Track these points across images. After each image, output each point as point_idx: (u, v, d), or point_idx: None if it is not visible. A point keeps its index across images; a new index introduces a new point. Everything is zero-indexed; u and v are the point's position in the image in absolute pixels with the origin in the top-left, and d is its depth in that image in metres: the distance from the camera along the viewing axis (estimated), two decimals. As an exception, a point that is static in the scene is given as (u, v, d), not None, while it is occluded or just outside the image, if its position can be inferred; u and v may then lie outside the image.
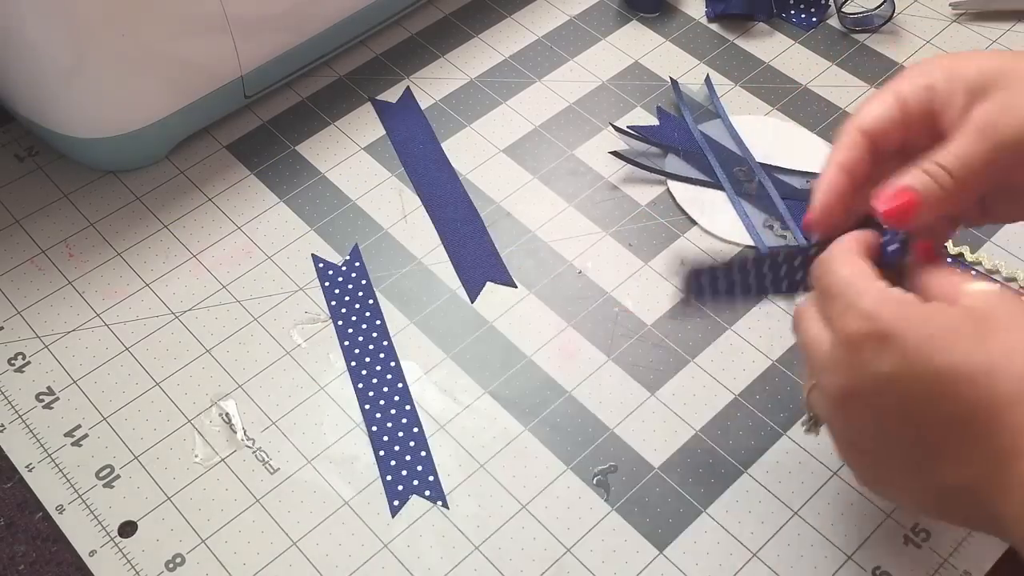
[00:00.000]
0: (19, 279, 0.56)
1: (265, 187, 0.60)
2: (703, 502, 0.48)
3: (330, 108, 0.64)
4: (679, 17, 0.69)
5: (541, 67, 0.66)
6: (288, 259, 0.57)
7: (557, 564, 0.46)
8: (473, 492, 0.48)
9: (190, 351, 0.53)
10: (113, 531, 0.47)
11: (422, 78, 0.65)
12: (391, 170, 0.61)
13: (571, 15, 0.69)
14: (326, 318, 0.54)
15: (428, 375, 0.52)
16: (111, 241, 0.58)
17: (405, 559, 0.46)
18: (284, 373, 0.52)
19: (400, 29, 0.68)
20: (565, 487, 0.49)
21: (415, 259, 0.57)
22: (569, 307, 0.55)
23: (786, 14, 0.69)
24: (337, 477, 0.49)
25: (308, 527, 0.47)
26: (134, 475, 0.49)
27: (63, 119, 0.57)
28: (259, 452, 0.50)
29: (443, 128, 0.63)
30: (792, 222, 0.57)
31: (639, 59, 0.66)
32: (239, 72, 0.59)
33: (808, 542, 0.47)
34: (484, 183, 0.60)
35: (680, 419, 0.51)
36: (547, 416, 0.51)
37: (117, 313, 0.55)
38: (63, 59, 0.53)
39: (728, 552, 0.47)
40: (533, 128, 0.63)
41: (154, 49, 0.55)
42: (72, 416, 0.51)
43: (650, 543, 0.47)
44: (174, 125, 0.59)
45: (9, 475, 0.49)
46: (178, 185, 0.60)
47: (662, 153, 0.61)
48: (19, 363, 0.53)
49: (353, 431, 0.50)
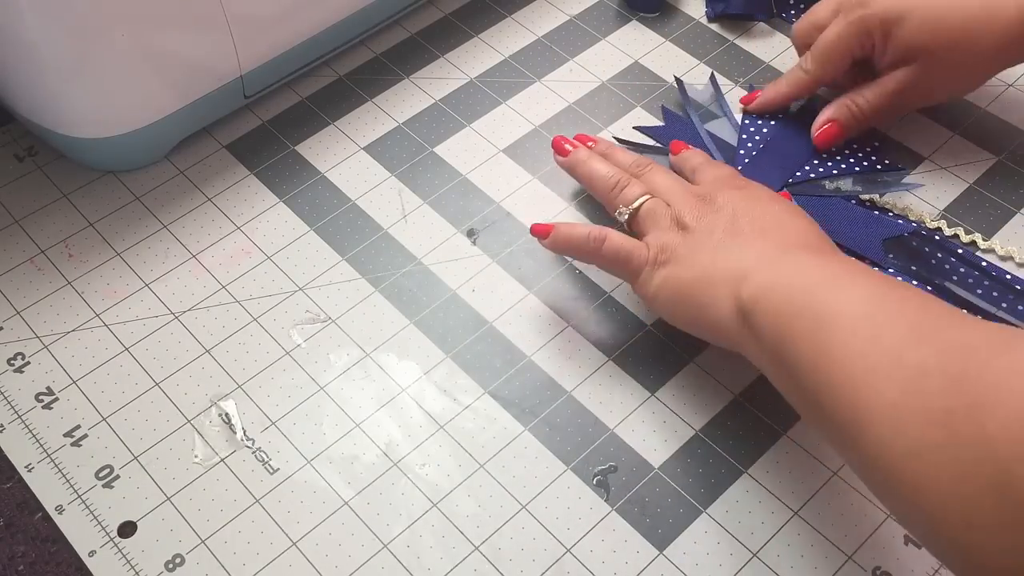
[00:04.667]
0: (19, 279, 0.56)
1: (265, 187, 0.60)
2: (703, 502, 0.48)
3: (330, 108, 0.64)
4: (679, 17, 0.69)
5: (541, 67, 0.66)
6: (288, 259, 0.57)
7: (557, 564, 0.46)
8: (473, 492, 0.48)
9: (189, 351, 0.53)
10: (113, 531, 0.47)
11: (422, 78, 0.65)
12: (391, 170, 0.61)
13: (571, 15, 0.69)
14: (326, 318, 0.54)
15: (428, 375, 0.52)
16: (111, 241, 0.58)
17: (405, 559, 0.46)
18: (284, 373, 0.52)
19: (400, 29, 0.68)
20: (565, 487, 0.48)
21: (415, 259, 0.57)
22: (569, 307, 0.55)
23: (786, 14, 0.69)
24: (337, 477, 0.49)
25: (308, 527, 0.47)
26: (134, 475, 0.49)
27: (63, 119, 0.57)
28: (259, 452, 0.50)
29: (443, 128, 0.63)
30: None
31: (639, 59, 0.66)
32: (239, 72, 0.59)
33: (808, 542, 0.47)
34: (484, 183, 0.60)
35: (680, 419, 0.51)
36: (547, 416, 0.51)
37: (117, 313, 0.55)
38: (63, 59, 0.53)
39: (728, 552, 0.47)
40: (533, 128, 0.63)
41: (154, 49, 0.55)
42: (72, 416, 0.51)
43: (650, 543, 0.47)
44: (174, 125, 0.59)
45: (9, 475, 0.49)
46: (178, 185, 0.60)
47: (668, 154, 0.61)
48: (19, 363, 0.53)
49: (353, 431, 0.50)
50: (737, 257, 0.47)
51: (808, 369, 0.41)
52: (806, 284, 0.43)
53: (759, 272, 0.45)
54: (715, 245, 0.48)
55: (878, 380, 0.38)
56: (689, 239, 0.49)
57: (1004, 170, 0.60)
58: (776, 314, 0.43)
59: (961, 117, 0.63)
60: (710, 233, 0.48)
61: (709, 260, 0.47)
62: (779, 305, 0.43)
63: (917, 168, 0.60)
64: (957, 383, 0.36)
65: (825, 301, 0.42)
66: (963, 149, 0.61)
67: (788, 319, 0.42)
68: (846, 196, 0.58)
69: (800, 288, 0.43)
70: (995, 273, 0.54)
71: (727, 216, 0.49)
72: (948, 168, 0.60)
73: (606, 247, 0.50)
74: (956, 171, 0.60)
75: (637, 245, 0.50)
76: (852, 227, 0.56)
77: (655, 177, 0.53)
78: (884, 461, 0.37)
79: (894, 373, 0.38)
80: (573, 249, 0.52)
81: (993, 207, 0.58)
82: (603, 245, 0.50)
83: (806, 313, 0.42)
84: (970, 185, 0.59)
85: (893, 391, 0.37)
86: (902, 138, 0.62)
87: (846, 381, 0.39)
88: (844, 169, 0.59)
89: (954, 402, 0.35)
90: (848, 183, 0.59)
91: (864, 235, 0.56)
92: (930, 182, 0.60)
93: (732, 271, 0.46)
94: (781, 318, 0.43)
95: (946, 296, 0.54)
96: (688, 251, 0.48)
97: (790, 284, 0.44)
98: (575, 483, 0.49)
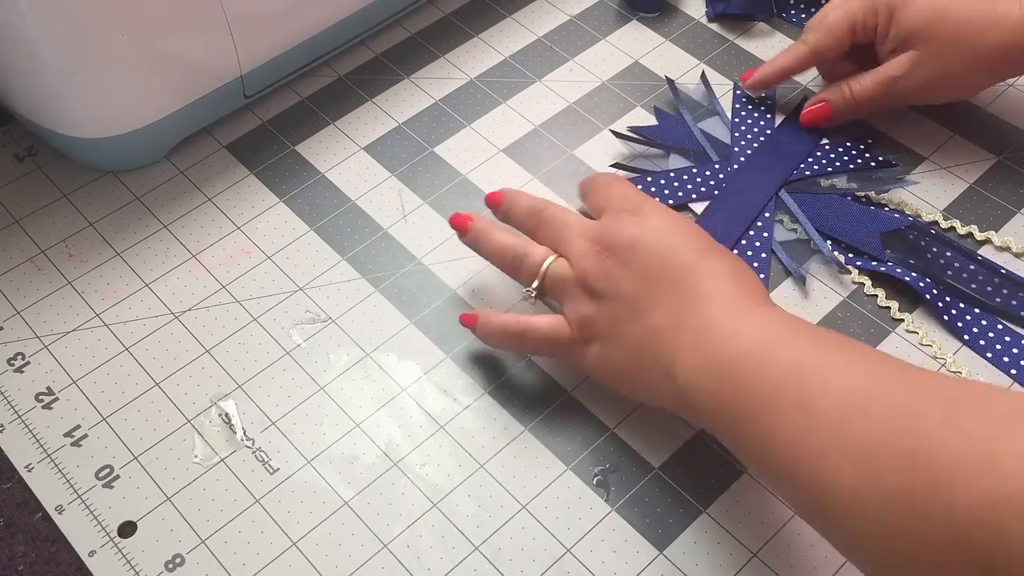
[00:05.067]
0: (19, 279, 0.56)
1: (265, 187, 0.60)
2: (703, 502, 0.48)
3: (330, 108, 0.64)
4: (679, 17, 0.69)
5: (541, 67, 0.66)
6: (288, 259, 0.57)
7: (557, 564, 0.46)
8: (473, 492, 0.48)
9: (189, 351, 0.53)
10: (113, 531, 0.47)
11: (422, 78, 0.65)
12: (391, 170, 0.61)
13: (571, 15, 0.69)
14: (326, 318, 0.54)
15: (428, 375, 0.52)
16: (111, 241, 0.58)
17: (405, 559, 0.46)
18: (284, 373, 0.52)
19: (400, 29, 0.68)
20: (565, 487, 0.48)
21: (415, 259, 0.57)
22: (569, 307, 0.55)
23: (786, 14, 0.69)
24: (337, 477, 0.49)
25: (308, 527, 0.47)
26: (134, 475, 0.49)
27: (63, 119, 0.57)
28: (259, 452, 0.50)
29: (443, 128, 0.63)
30: (802, 215, 0.57)
31: (639, 59, 0.66)
32: (239, 72, 0.59)
33: (808, 542, 0.47)
34: (484, 183, 0.60)
35: (680, 419, 0.50)
36: (547, 416, 0.51)
37: (117, 313, 0.55)
38: (63, 59, 0.53)
39: (728, 552, 0.47)
40: (533, 128, 0.63)
41: (154, 49, 0.55)
42: (72, 416, 0.51)
43: (650, 543, 0.47)
44: (174, 125, 0.59)
45: (9, 475, 0.49)
46: (178, 185, 0.60)
47: (664, 154, 0.61)
48: (19, 363, 0.53)
49: (353, 431, 0.50)
50: (660, 335, 0.44)
51: (760, 453, 0.40)
52: (734, 360, 0.41)
53: (685, 353, 0.43)
54: (631, 312, 0.45)
55: (830, 460, 0.36)
56: (604, 309, 0.46)
57: (1004, 170, 0.60)
58: (715, 399, 0.41)
59: (961, 117, 0.63)
60: (623, 300, 0.46)
61: (633, 340, 0.45)
62: (715, 390, 0.41)
63: (917, 168, 0.60)
64: (910, 461, 0.34)
65: (757, 377, 0.40)
66: (963, 149, 0.61)
67: (728, 404, 0.41)
68: (842, 193, 0.58)
69: (730, 366, 0.41)
70: (991, 267, 0.55)
71: (635, 271, 0.46)
72: (948, 168, 0.60)
73: (528, 339, 0.49)
74: (956, 171, 0.60)
75: (558, 326, 0.48)
76: (849, 223, 0.56)
77: (552, 228, 0.50)
78: (858, 546, 0.36)
79: (844, 451, 0.36)
80: (496, 342, 0.51)
81: (993, 207, 0.58)
82: (525, 338, 0.49)
83: (740, 396, 0.40)
84: (970, 185, 0.59)
85: (848, 472, 0.35)
86: (902, 138, 0.62)
87: (800, 463, 0.37)
88: (839, 167, 0.59)
89: (912, 482, 0.34)
90: (843, 180, 0.59)
91: (862, 230, 0.56)
92: (930, 182, 0.60)
93: (660, 357, 0.44)
94: (721, 403, 0.41)
95: (943, 290, 0.54)
96: (608, 326, 0.46)
97: (720, 363, 0.41)
98: (575, 483, 0.49)
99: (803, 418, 0.37)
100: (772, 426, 0.39)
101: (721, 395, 0.41)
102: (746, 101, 0.63)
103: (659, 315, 0.45)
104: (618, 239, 0.47)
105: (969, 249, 0.56)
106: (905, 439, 0.34)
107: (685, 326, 0.43)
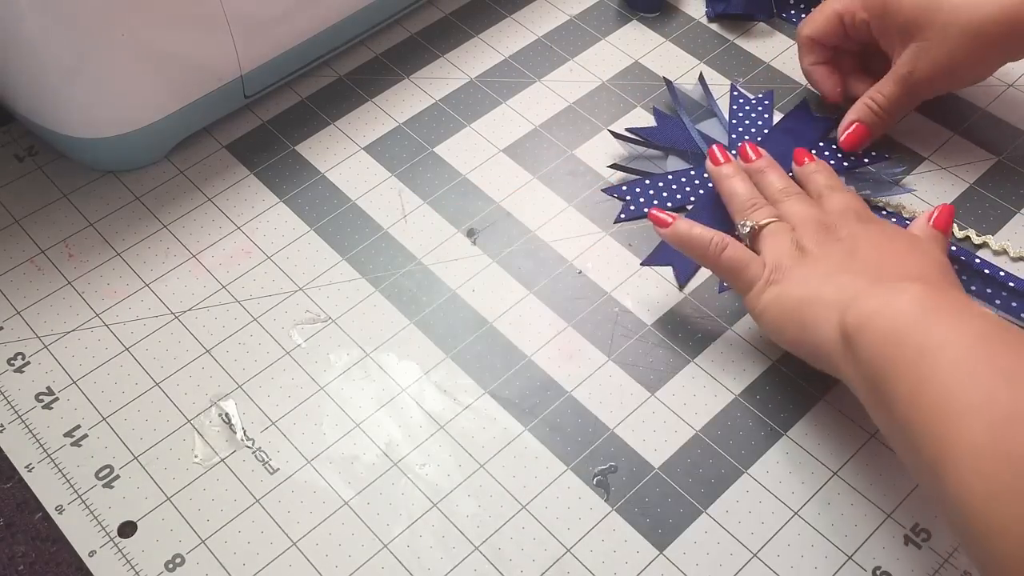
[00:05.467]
0: (19, 279, 0.56)
1: (265, 187, 0.60)
2: (703, 502, 0.48)
3: (330, 108, 0.64)
4: (679, 17, 0.69)
5: (541, 67, 0.66)
6: (288, 259, 0.57)
7: (557, 564, 0.46)
8: (473, 492, 0.48)
9: (189, 351, 0.53)
10: (113, 531, 0.47)
11: (422, 78, 0.65)
12: (391, 170, 0.61)
13: (571, 15, 0.69)
14: (326, 318, 0.54)
15: (428, 375, 0.52)
16: (111, 241, 0.58)
17: (405, 559, 0.46)
18: (284, 373, 0.52)
19: (400, 29, 0.68)
20: (565, 487, 0.48)
21: (415, 259, 0.57)
22: (569, 307, 0.55)
23: (786, 14, 0.69)
24: (337, 477, 0.49)
25: (308, 527, 0.47)
26: (134, 475, 0.49)
27: (63, 119, 0.57)
28: (259, 452, 0.50)
29: (443, 128, 0.63)
30: None
31: (639, 59, 0.66)
32: (239, 72, 0.59)
33: (808, 542, 0.47)
34: (484, 183, 0.60)
35: (680, 419, 0.51)
36: (547, 416, 0.51)
37: (117, 313, 0.55)
38: (63, 59, 0.53)
39: (728, 552, 0.47)
40: (533, 128, 0.63)
41: (154, 49, 0.55)
42: (72, 416, 0.51)
43: (650, 543, 0.47)
44: (174, 125, 0.59)
45: (9, 475, 0.49)
46: (178, 185, 0.60)
47: (662, 155, 0.61)
48: (19, 363, 0.53)
49: (353, 431, 0.50)
50: (848, 283, 0.46)
51: (903, 400, 0.40)
52: (913, 314, 0.42)
53: (867, 298, 0.44)
54: (829, 271, 0.48)
55: (969, 419, 0.37)
56: (805, 261, 0.49)
57: (1004, 170, 0.60)
58: (879, 342, 0.42)
59: (961, 117, 0.63)
60: (827, 259, 0.49)
61: (820, 283, 0.47)
62: (883, 333, 0.42)
63: (917, 168, 0.60)
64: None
65: (930, 333, 0.41)
66: (963, 149, 0.61)
67: (890, 348, 0.42)
68: None
69: (906, 318, 0.42)
70: (988, 271, 0.55)
71: (847, 246, 0.49)
72: (948, 168, 0.60)
73: (725, 255, 0.51)
74: (956, 171, 0.60)
75: (754, 259, 0.50)
76: None
77: (793, 207, 0.53)
78: (963, 503, 0.37)
79: (984, 414, 0.37)
80: (689, 249, 0.52)
81: (993, 207, 0.58)
82: (723, 253, 0.51)
83: (909, 343, 0.41)
84: (970, 185, 0.59)
85: (981, 432, 0.37)
86: (902, 138, 0.62)
87: (938, 416, 0.39)
88: (835, 168, 0.59)
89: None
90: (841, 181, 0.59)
91: None
92: (930, 182, 0.60)
93: (841, 295, 0.46)
94: (884, 347, 0.42)
95: None
96: (802, 273, 0.48)
97: (897, 313, 0.43)
98: (575, 483, 0.49)
99: (961, 379, 0.39)
100: (930, 376, 0.40)
101: (887, 340, 0.42)
102: (743, 102, 0.63)
103: (853, 276, 0.47)
104: (843, 226, 0.50)
105: (966, 253, 0.56)
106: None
107: (875, 282, 0.46)
